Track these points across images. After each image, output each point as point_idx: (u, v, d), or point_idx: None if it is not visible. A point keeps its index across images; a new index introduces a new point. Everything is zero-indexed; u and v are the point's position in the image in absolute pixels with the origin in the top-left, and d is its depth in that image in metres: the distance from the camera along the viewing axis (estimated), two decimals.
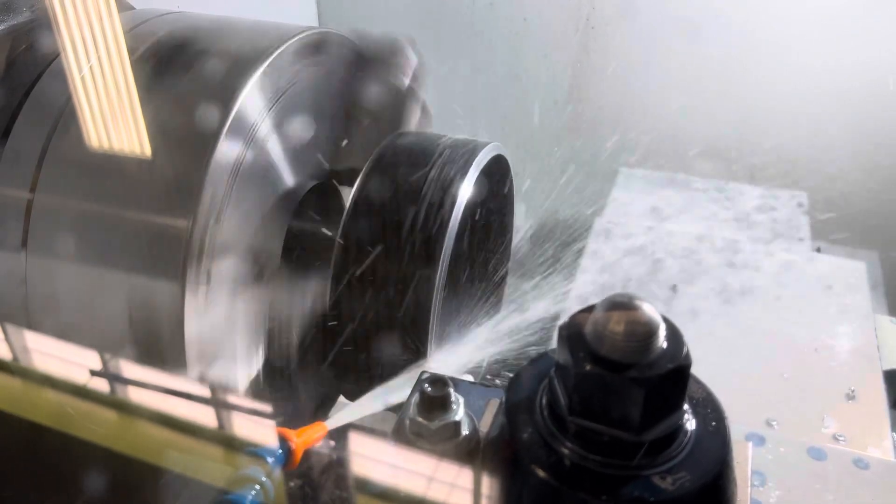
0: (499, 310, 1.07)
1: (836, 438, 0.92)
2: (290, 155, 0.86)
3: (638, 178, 1.68)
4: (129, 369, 0.68)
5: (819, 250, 1.50)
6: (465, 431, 0.49)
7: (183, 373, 0.72)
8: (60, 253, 0.73)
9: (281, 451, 0.52)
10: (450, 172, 0.82)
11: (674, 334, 0.41)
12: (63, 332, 0.73)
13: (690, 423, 0.43)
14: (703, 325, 1.14)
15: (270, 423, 0.56)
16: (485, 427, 0.51)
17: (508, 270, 1.10)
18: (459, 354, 0.78)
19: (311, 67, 0.86)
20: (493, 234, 1.05)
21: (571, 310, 0.43)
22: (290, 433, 0.53)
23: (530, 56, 1.91)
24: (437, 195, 0.80)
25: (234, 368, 0.82)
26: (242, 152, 0.76)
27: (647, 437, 0.40)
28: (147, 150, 0.74)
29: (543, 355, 0.48)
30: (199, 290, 0.72)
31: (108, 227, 0.73)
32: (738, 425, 0.64)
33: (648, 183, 1.66)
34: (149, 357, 0.72)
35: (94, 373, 0.66)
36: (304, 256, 0.94)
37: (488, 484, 0.47)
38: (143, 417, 0.63)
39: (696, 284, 1.25)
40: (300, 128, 0.87)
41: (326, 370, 0.87)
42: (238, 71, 0.76)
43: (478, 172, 0.83)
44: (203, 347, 0.74)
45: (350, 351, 0.83)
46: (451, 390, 0.49)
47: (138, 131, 0.74)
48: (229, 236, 0.77)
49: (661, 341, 0.40)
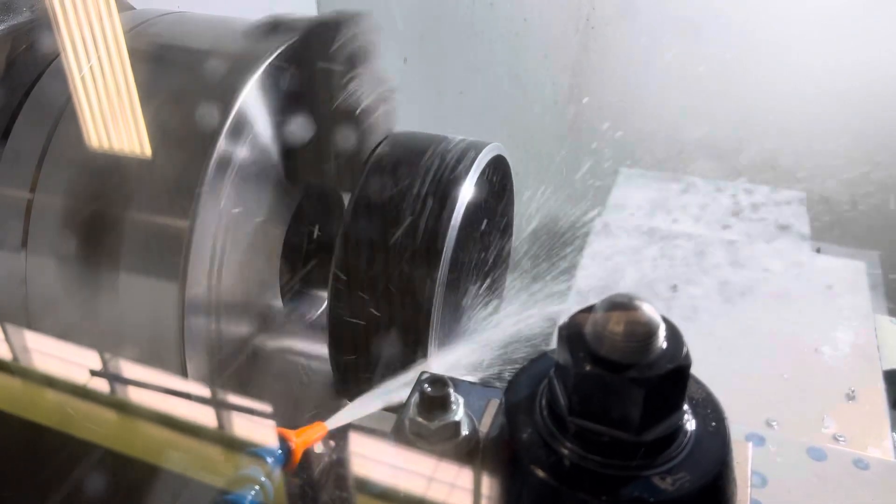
0: (499, 310, 1.08)
1: (836, 439, 0.92)
2: (291, 154, 0.86)
3: (638, 177, 1.68)
4: (129, 369, 0.68)
5: (819, 250, 1.50)
6: (464, 431, 0.49)
7: (183, 373, 0.72)
8: (60, 253, 0.73)
9: (280, 451, 0.52)
10: (450, 172, 0.82)
11: (673, 334, 0.41)
12: (63, 332, 0.73)
13: (690, 424, 0.42)
14: (703, 325, 1.14)
15: (270, 423, 0.56)
16: (484, 427, 0.51)
17: (508, 270, 1.10)
18: (460, 355, 0.78)
19: (312, 67, 0.86)
20: (494, 234, 1.05)
21: (571, 309, 0.43)
22: (289, 433, 0.53)
23: (530, 56, 1.91)
24: (437, 195, 0.80)
25: (235, 368, 0.82)
26: (242, 152, 0.76)
27: (647, 437, 0.40)
28: (147, 150, 0.74)
29: (543, 355, 0.47)
30: (199, 290, 0.72)
31: (108, 227, 0.73)
32: (737, 425, 0.64)
33: (648, 183, 1.66)
34: (149, 357, 0.72)
35: (94, 373, 0.66)
36: (304, 257, 0.94)
37: (488, 484, 0.47)
38: (143, 417, 0.64)
39: (695, 284, 1.25)
40: (300, 127, 0.87)
41: (327, 369, 0.87)
42: (238, 71, 0.76)
43: (478, 172, 0.83)
44: (203, 347, 0.74)
45: (350, 351, 0.83)
46: (451, 390, 0.49)
47: (138, 131, 0.74)
48: (229, 236, 0.77)
49: (661, 341, 0.40)
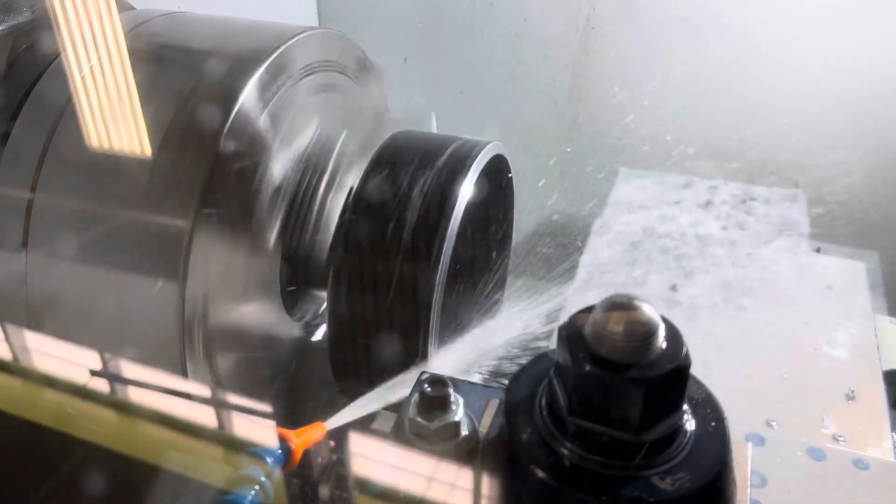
0: (499, 309, 1.08)
1: (835, 439, 0.92)
2: (291, 154, 0.86)
3: (637, 177, 1.68)
4: (129, 369, 0.68)
5: (819, 250, 1.50)
6: (464, 432, 0.49)
7: (183, 373, 0.72)
8: (60, 253, 0.73)
9: (280, 451, 0.52)
10: (450, 172, 0.82)
11: (673, 334, 0.41)
12: (63, 332, 0.73)
13: (690, 424, 0.42)
14: (703, 325, 1.14)
15: (270, 424, 0.56)
16: (484, 427, 0.51)
17: (508, 270, 1.11)
18: (460, 354, 0.78)
19: (312, 67, 0.86)
20: (494, 234, 1.05)
21: (570, 309, 0.43)
22: (289, 433, 0.53)
23: (530, 56, 1.91)
24: (437, 195, 0.80)
25: (235, 368, 0.82)
26: (242, 152, 0.76)
27: (647, 437, 0.40)
28: (147, 150, 0.74)
29: (543, 356, 0.48)
30: (198, 289, 0.72)
31: (108, 227, 0.73)
32: (737, 425, 0.64)
33: (648, 182, 1.66)
34: (149, 357, 0.72)
35: (94, 373, 0.66)
36: (303, 256, 0.94)
37: (488, 484, 0.47)
38: (143, 417, 0.64)
39: (695, 284, 1.25)
40: (300, 127, 0.87)
41: (327, 369, 0.87)
42: (238, 71, 0.76)
43: (478, 172, 0.83)
44: (203, 347, 0.74)
45: (350, 350, 0.83)
46: (451, 390, 0.49)
47: (138, 131, 0.74)
48: (230, 236, 0.77)
49: (661, 342, 0.40)
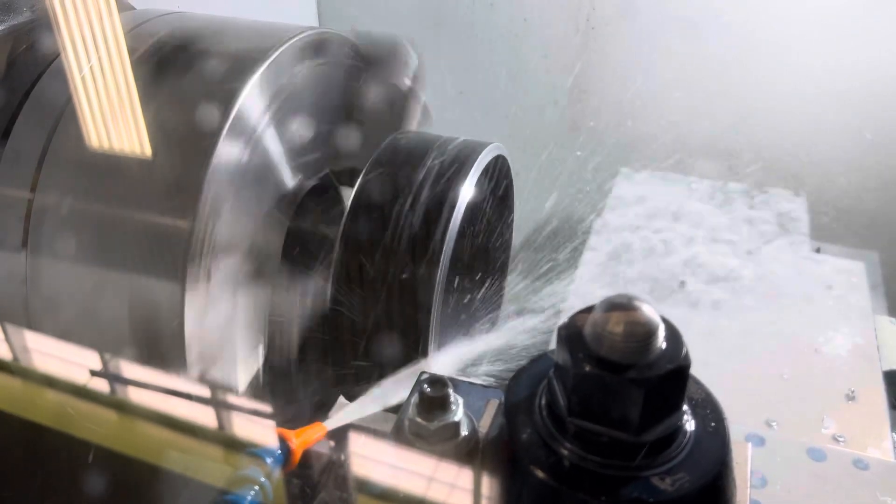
0: (499, 309, 1.08)
1: (835, 439, 0.92)
2: (291, 155, 0.86)
3: (638, 177, 1.68)
4: (129, 369, 0.68)
5: (819, 250, 1.50)
6: (464, 432, 0.49)
7: (183, 373, 0.72)
8: (61, 253, 0.73)
9: (280, 451, 0.52)
10: (450, 173, 0.82)
11: (673, 335, 0.41)
12: (63, 332, 0.73)
13: (690, 424, 0.42)
14: (703, 325, 1.14)
15: (270, 424, 0.56)
16: (484, 428, 0.51)
17: (508, 270, 1.10)
18: (460, 355, 0.78)
19: (312, 67, 0.86)
20: (494, 234, 1.05)
21: (570, 309, 0.43)
22: (289, 433, 0.53)
23: (530, 56, 1.91)
24: (437, 195, 0.80)
25: (235, 368, 0.82)
26: (242, 152, 0.76)
27: (647, 437, 0.40)
28: (147, 150, 0.74)
29: (543, 356, 0.47)
30: (199, 290, 0.72)
31: (108, 227, 0.73)
32: (737, 426, 0.64)
33: (648, 183, 1.66)
34: (149, 357, 0.72)
35: (94, 373, 0.66)
36: (304, 256, 0.94)
37: (487, 484, 0.47)
38: (143, 417, 0.64)
39: (695, 284, 1.25)
40: (300, 128, 0.87)
41: (327, 370, 0.87)
42: (238, 71, 0.76)
43: (478, 173, 0.83)
44: (203, 347, 0.74)
45: (350, 351, 0.83)
46: (451, 391, 0.49)
47: (138, 131, 0.74)
48: (229, 236, 0.77)
49: (661, 342, 0.40)
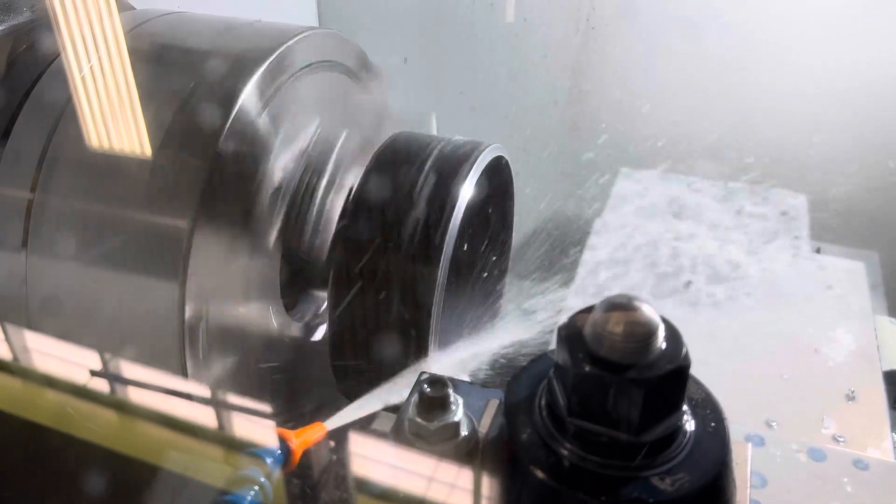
0: (499, 309, 1.08)
1: (835, 439, 0.92)
2: (291, 155, 0.86)
3: (638, 177, 1.68)
4: (129, 369, 0.68)
5: (819, 250, 1.50)
6: (464, 432, 0.49)
7: (183, 373, 0.72)
8: (61, 253, 0.73)
9: (280, 451, 0.52)
10: (450, 173, 0.82)
11: (673, 335, 0.41)
12: (63, 333, 0.73)
13: (689, 424, 0.42)
14: (703, 325, 1.14)
15: (270, 424, 0.56)
16: (484, 428, 0.51)
17: (508, 270, 1.11)
18: (460, 355, 0.78)
19: (312, 68, 0.86)
20: (494, 235, 1.05)
21: (570, 310, 0.43)
22: (289, 434, 0.53)
23: (530, 56, 1.91)
24: (437, 196, 0.80)
25: (235, 368, 0.82)
26: (242, 152, 0.76)
27: (646, 438, 0.40)
28: (147, 150, 0.74)
29: (542, 356, 0.48)
30: (199, 290, 0.72)
31: (108, 227, 0.73)
32: (737, 426, 0.64)
33: (648, 182, 1.66)
34: (149, 357, 0.72)
35: (94, 373, 0.66)
36: (304, 256, 0.94)
37: (487, 485, 0.47)
38: (143, 417, 0.64)
39: (695, 284, 1.25)
40: (300, 128, 0.87)
41: (327, 369, 0.87)
42: (238, 71, 0.76)
43: (478, 173, 0.83)
44: (203, 347, 0.74)
45: (350, 351, 0.83)
46: (451, 391, 0.49)
47: (138, 131, 0.74)
48: (229, 236, 0.77)
49: (661, 342, 0.40)
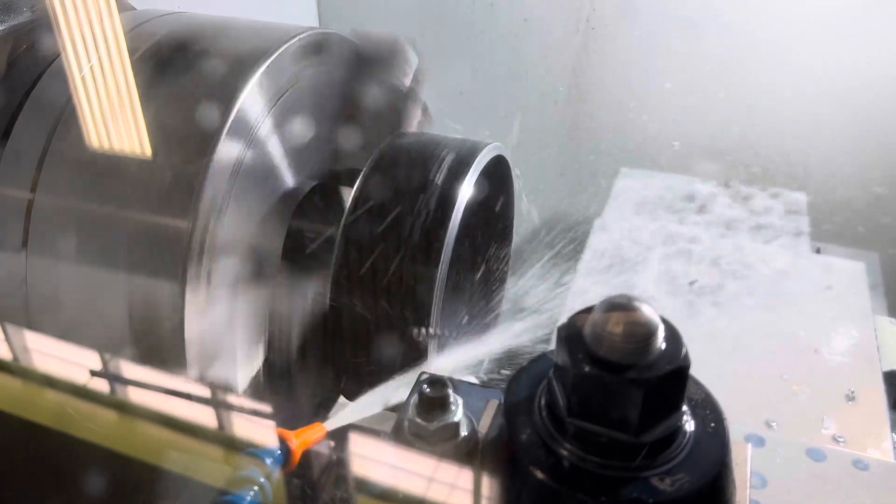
0: (499, 309, 1.08)
1: (835, 439, 0.92)
2: (291, 155, 0.86)
3: (638, 177, 1.69)
4: (129, 369, 0.68)
5: (819, 250, 1.50)
6: (463, 432, 0.49)
7: (183, 373, 0.72)
8: (61, 253, 0.73)
9: (280, 451, 0.52)
10: (450, 173, 0.82)
11: (672, 335, 0.41)
12: (63, 333, 0.73)
13: (689, 425, 0.42)
14: (703, 325, 1.14)
15: (269, 424, 0.56)
16: (484, 428, 0.51)
17: (508, 270, 1.10)
18: (460, 354, 0.78)
19: (313, 68, 0.86)
20: (494, 234, 1.05)
21: (570, 310, 0.43)
22: (288, 434, 0.53)
23: (530, 56, 1.91)
24: (437, 196, 0.80)
25: (235, 368, 0.82)
26: (243, 152, 0.76)
27: (646, 438, 0.40)
28: (147, 150, 0.74)
29: (542, 356, 0.48)
30: (199, 290, 0.72)
31: (108, 227, 0.73)
32: (737, 426, 0.64)
33: (648, 183, 1.66)
34: (149, 357, 0.72)
35: (94, 373, 0.66)
36: (304, 256, 0.94)
37: (487, 485, 0.47)
38: (143, 417, 0.64)
39: (694, 284, 1.25)
40: (301, 128, 0.87)
41: (327, 370, 0.87)
42: (238, 71, 0.76)
43: (478, 173, 0.83)
44: (203, 347, 0.74)
45: (350, 351, 0.83)
46: (450, 391, 0.49)
47: (138, 131, 0.74)
48: (229, 236, 0.77)
49: (660, 342, 0.40)
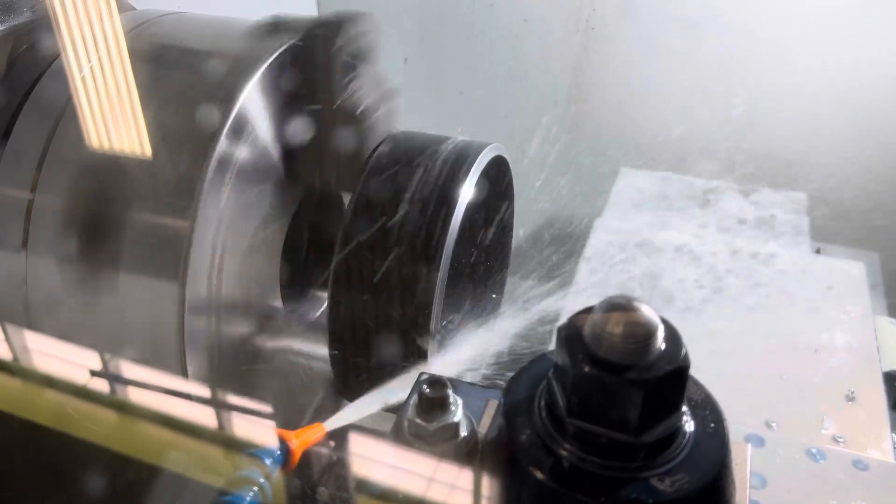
0: (499, 309, 1.08)
1: (835, 440, 0.92)
2: (291, 155, 0.86)
3: (638, 177, 1.68)
4: (129, 369, 0.68)
5: (819, 251, 1.50)
6: (463, 433, 0.49)
7: (183, 373, 0.72)
8: (60, 253, 0.73)
9: (279, 452, 0.52)
10: (450, 173, 0.82)
11: (672, 336, 0.41)
12: (63, 332, 0.73)
13: (689, 425, 0.42)
14: (703, 325, 1.14)
15: (269, 424, 0.56)
16: (483, 428, 0.51)
17: (508, 270, 1.11)
18: (461, 354, 0.78)
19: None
20: (494, 235, 1.05)
21: (570, 310, 0.43)
22: (288, 434, 0.53)
23: (530, 56, 1.91)
24: (437, 196, 0.80)
25: (234, 368, 0.82)
26: (243, 153, 0.76)
27: (646, 438, 0.40)
28: (147, 150, 0.74)
29: (542, 356, 0.48)
30: (199, 290, 0.72)
31: (109, 227, 0.73)
32: (737, 426, 0.64)
33: (648, 183, 1.66)
34: (149, 357, 0.73)
35: (94, 373, 0.66)
36: (304, 256, 0.94)
37: (487, 485, 0.47)
38: (143, 417, 0.64)
39: (694, 285, 1.25)
40: (301, 128, 0.87)
41: (327, 370, 0.87)
42: (238, 71, 0.76)
43: (478, 173, 0.83)
44: (203, 347, 0.74)
45: (350, 351, 0.83)
46: (450, 391, 0.49)
47: (138, 131, 0.74)
48: (229, 237, 0.77)
49: (660, 343, 0.40)
